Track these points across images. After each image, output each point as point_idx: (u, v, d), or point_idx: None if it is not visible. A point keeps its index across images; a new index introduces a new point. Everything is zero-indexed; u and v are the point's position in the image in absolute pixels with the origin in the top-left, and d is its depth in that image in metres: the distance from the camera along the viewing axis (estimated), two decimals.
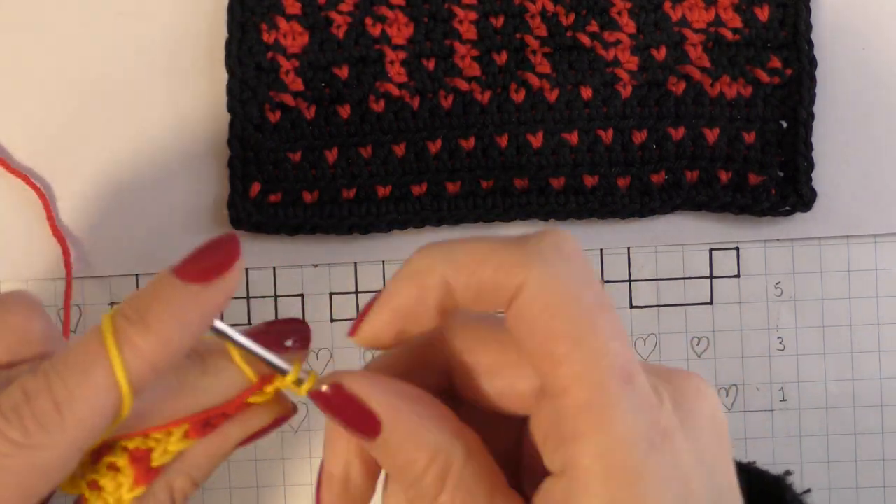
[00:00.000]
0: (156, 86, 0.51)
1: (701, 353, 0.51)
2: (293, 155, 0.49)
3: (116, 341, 0.30)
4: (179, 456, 0.34)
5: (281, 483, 0.51)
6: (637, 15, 0.50)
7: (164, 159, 0.50)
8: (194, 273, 0.31)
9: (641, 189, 0.50)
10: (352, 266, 0.51)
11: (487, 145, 0.50)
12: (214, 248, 0.32)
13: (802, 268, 0.51)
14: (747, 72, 0.50)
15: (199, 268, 0.31)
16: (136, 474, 0.33)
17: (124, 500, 0.34)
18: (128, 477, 0.33)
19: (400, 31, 0.50)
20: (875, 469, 0.51)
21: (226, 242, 0.32)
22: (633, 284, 0.51)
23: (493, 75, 0.50)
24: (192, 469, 0.35)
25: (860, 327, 0.51)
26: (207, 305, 0.31)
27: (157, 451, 0.34)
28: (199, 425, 0.34)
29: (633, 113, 0.50)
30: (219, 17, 0.50)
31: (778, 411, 0.51)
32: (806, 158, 0.50)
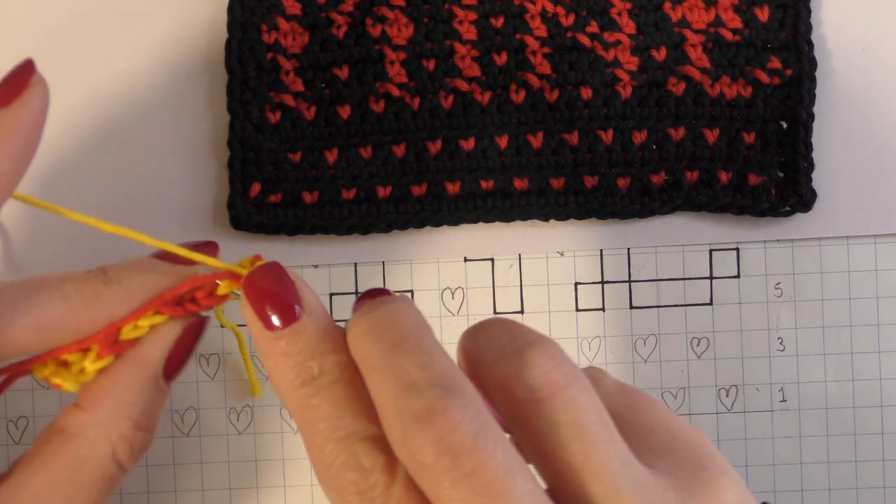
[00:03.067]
0: (156, 86, 0.51)
1: (701, 354, 0.51)
2: (293, 155, 0.49)
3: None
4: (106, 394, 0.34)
5: (281, 483, 0.51)
6: (637, 15, 0.50)
7: (163, 160, 0.50)
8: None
9: (641, 189, 0.50)
10: (352, 266, 0.51)
11: (487, 146, 0.50)
12: (11, 74, 0.33)
13: (802, 268, 0.51)
14: (747, 72, 0.50)
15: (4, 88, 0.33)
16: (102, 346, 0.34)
17: (87, 370, 0.34)
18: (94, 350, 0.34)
19: (400, 32, 0.50)
20: (875, 470, 0.51)
21: (20, 66, 0.34)
22: (632, 285, 0.51)
23: (493, 76, 0.50)
24: (124, 408, 0.35)
25: (860, 328, 0.51)
26: (12, 125, 0.32)
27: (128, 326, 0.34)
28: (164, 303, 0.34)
29: (632, 113, 0.50)
30: (219, 17, 0.50)
31: (778, 412, 0.51)
32: (806, 159, 0.50)
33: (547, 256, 0.51)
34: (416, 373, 0.30)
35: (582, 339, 0.51)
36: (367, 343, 0.31)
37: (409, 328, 0.31)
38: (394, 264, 0.51)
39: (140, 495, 0.51)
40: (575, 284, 0.51)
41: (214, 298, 0.35)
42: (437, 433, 0.28)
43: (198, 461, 0.51)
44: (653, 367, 0.51)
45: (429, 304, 0.51)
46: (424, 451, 0.28)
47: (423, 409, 0.28)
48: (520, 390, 0.30)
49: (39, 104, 0.33)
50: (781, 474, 0.51)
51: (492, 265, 0.51)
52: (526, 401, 0.30)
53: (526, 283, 0.51)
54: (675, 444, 0.32)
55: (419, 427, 0.28)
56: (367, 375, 0.31)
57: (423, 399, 0.29)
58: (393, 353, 0.30)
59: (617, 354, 0.51)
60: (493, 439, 0.29)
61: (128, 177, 0.50)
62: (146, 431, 0.35)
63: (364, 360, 0.31)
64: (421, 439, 0.28)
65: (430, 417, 0.28)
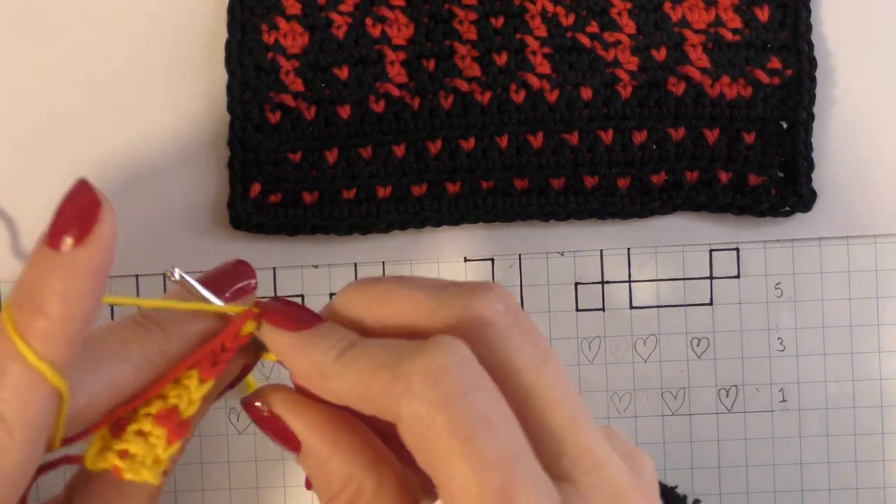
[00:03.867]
0: (156, 86, 0.51)
1: (701, 354, 0.51)
2: (293, 155, 0.49)
3: (20, 334, 0.30)
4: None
5: (281, 484, 0.51)
6: (637, 15, 0.50)
7: (163, 160, 0.50)
8: (61, 237, 0.30)
9: (641, 189, 0.50)
10: (352, 267, 0.51)
11: (487, 146, 0.50)
12: (75, 206, 0.31)
13: (802, 268, 0.51)
14: (747, 72, 0.50)
15: (67, 232, 0.30)
16: (168, 432, 0.33)
17: (161, 460, 0.33)
18: (159, 437, 0.34)
19: (400, 32, 0.50)
20: (875, 470, 0.51)
21: (81, 192, 0.31)
22: (632, 285, 0.51)
23: (494, 76, 0.50)
24: None
25: (860, 328, 0.51)
26: (87, 267, 0.31)
27: (183, 403, 0.34)
28: (207, 366, 0.34)
29: (633, 113, 0.50)
30: (219, 17, 0.50)
31: (778, 412, 0.51)
32: (806, 159, 0.50)
33: (547, 256, 0.51)
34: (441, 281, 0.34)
35: (582, 339, 0.51)
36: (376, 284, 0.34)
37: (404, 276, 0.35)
38: (394, 264, 0.51)
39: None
40: (575, 284, 0.51)
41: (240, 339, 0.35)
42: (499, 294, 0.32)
43: (198, 461, 0.51)
44: (653, 367, 0.51)
45: None
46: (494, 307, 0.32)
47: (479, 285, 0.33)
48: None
49: (111, 235, 0.31)
50: (781, 474, 0.51)
51: (492, 265, 0.51)
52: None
53: (526, 283, 0.51)
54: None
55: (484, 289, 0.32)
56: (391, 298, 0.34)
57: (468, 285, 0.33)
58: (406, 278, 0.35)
59: (617, 354, 0.51)
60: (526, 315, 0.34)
61: (128, 177, 0.50)
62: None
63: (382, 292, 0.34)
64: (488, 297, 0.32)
65: (490, 285, 0.33)
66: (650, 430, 0.51)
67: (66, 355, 0.30)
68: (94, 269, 0.31)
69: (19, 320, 0.30)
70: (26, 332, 0.30)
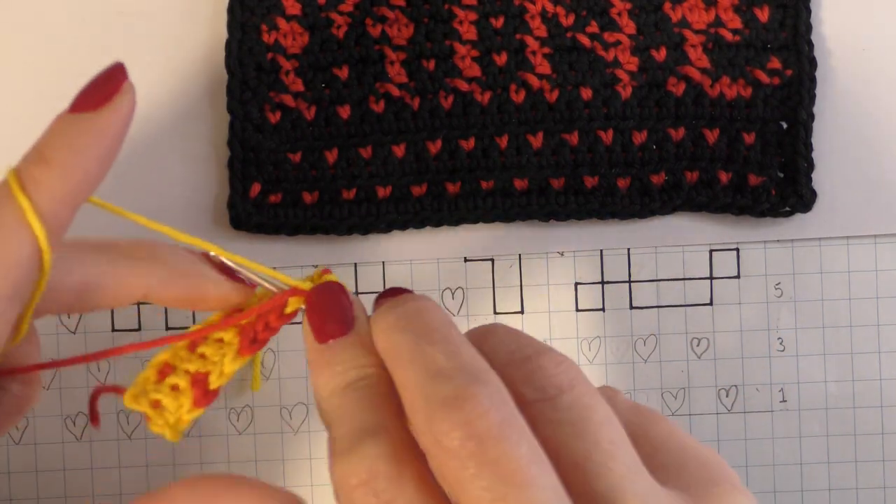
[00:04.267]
0: (155, 86, 0.51)
1: (701, 354, 0.51)
2: (293, 155, 0.49)
3: (20, 182, 0.32)
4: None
5: (281, 484, 0.51)
6: (637, 16, 0.50)
7: (163, 160, 0.50)
8: (84, 103, 0.33)
9: (641, 190, 0.50)
10: (352, 267, 0.51)
11: (487, 146, 0.50)
12: (102, 78, 0.33)
13: (802, 268, 0.51)
14: (747, 73, 0.50)
15: (88, 98, 0.33)
16: (195, 396, 0.35)
17: (183, 420, 0.35)
18: (188, 398, 0.35)
19: (400, 32, 0.50)
20: (875, 470, 0.51)
21: (111, 71, 0.34)
22: (632, 285, 0.51)
23: (493, 76, 0.50)
24: None
25: (860, 328, 0.51)
26: (101, 128, 0.33)
27: (214, 373, 0.35)
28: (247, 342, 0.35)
29: (633, 114, 0.50)
30: (219, 17, 0.50)
31: (778, 412, 0.51)
32: (806, 159, 0.50)
33: (547, 256, 0.51)
34: (444, 361, 0.30)
35: (582, 339, 0.51)
36: (395, 335, 0.32)
37: (436, 321, 0.32)
38: (394, 264, 0.51)
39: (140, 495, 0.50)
40: (575, 284, 0.51)
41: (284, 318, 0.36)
42: (465, 417, 0.28)
43: (198, 462, 0.51)
44: (653, 367, 0.51)
45: None
46: (451, 435, 0.28)
47: (451, 395, 0.29)
48: (528, 392, 0.31)
49: (128, 110, 0.33)
50: (781, 474, 0.51)
51: (492, 265, 0.51)
52: (533, 401, 0.30)
53: (526, 284, 0.51)
54: (687, 460, 0.32)
55: (446, 411, 0.29)
56: (394, 366, 0.32)
57: (452, 385, 0.29)
58: (420, 342, 0.31)
59: (617, 354, 0.51)
60: (518, 430, 0.29)
61: (128, 177, 0.50)
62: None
63: (391, 352, 0.32)
64: (447, 423, 0.28)
65: (458, 402, 0.29)
66: None
67: (57, 214, 0.32)
68: (103, 130, 0.32)
69: (21, 167, 0.32)
70: (23, 177, 0.32)
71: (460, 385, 0.29)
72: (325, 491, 0.51)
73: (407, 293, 0.34)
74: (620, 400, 0.34)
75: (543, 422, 0.30)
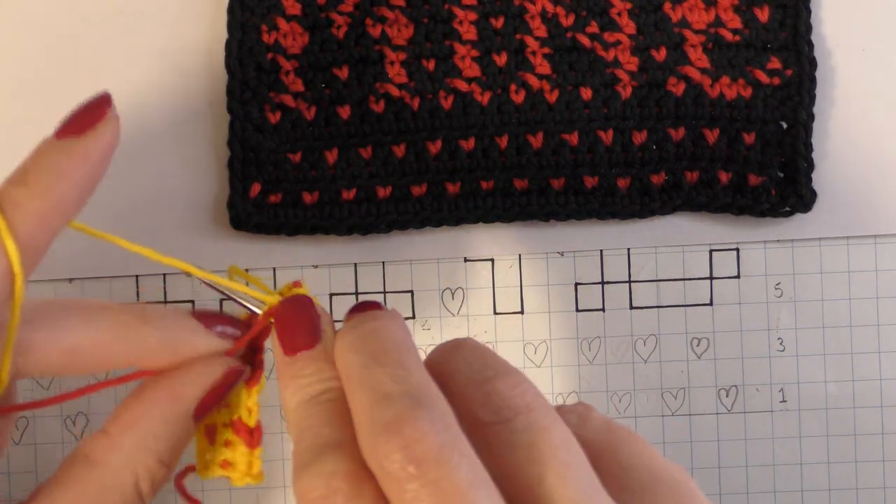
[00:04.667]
0: (155, 86, 0.51)
1: (701, 354, 0.51)
2: (293, 156, 0.49)
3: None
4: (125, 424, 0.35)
5: (281, 484, 0.51)
6: (637, 16, 0.50)
7: (163, 160, 0.50)
8: (69, 129, 0.34)
9: (641, 190, 0.50)
10: (352, 267, 0.51)
11: (487, 146, 0.50)
12: (88, 106, 0.34)
13: (802, 268, 0.51)
14: (747, 73, 0.50)
15: (73, 124, 0.34)
16: (245, 440, 0.36)
17: (255, 464, 0.36)
18: (241, 444, 0.36)
19: (400, 32, 0.50)
20: (875, 470, 0.51)
21: (98, 99, 0.34)
22: (632, 285, 0.51)
23: (493, 76, 0.50)
24: (150, 440, 0.35)
25: (860, 328, 0.51)
26: (83, 154, 0.33)
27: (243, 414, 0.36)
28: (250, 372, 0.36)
29: (632, 114, 0.50)
30: (219, 17, 0.50)
31: (778, 412, 0.51)
32: (806, 159, 0.50)
33: (547, 256, 0.51)
34: (391, 385, 0.31)
35: (582, 339, 0.51)
36: (349, 355, 0.33)
37: (391, 343, 0.32)
38: (394, 264, 0.51)
39: None
40: (575, 285, 0.51)
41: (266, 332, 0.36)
42: (404, 441, 0.29)
43: None
44: (653, 368, 0.51)
45: (429, 304, 0.51)
46: (391, 458, 0.29)
47: (393, 419, 0.29)
48: (483, 414, 0.31)
49: (111, 138, 0.34)
50: (781, 474, 0.51)
51: (492, 265, 0.51)
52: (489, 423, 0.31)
53: (526, 284, 0.51)
54: (655, 482, 0.32)
55: (387, 436, 0.29)
56: (347, 387, 0.32)
57: (393, 409, 0.30)
58: (371, 365, 0.32)
59: (617, 354, 0.51)
60: (458, 452, 0.29)
61: (128, 177, 0.50)
62: (167, 467, 0.36)
63: (345, 372, 0.33)
64: (388, 447, 0.29)
65: (398, 426, 0.29)
66: (650, 430, 0.51)
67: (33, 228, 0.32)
68: (85, 155, 0.33)
69: (3, 191, 0.32)
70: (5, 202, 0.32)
71: (402, 409, 0.29)
72: None
73: (373, 310, 0.35)
74: (594, 417, 0.34)
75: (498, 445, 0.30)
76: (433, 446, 0.29)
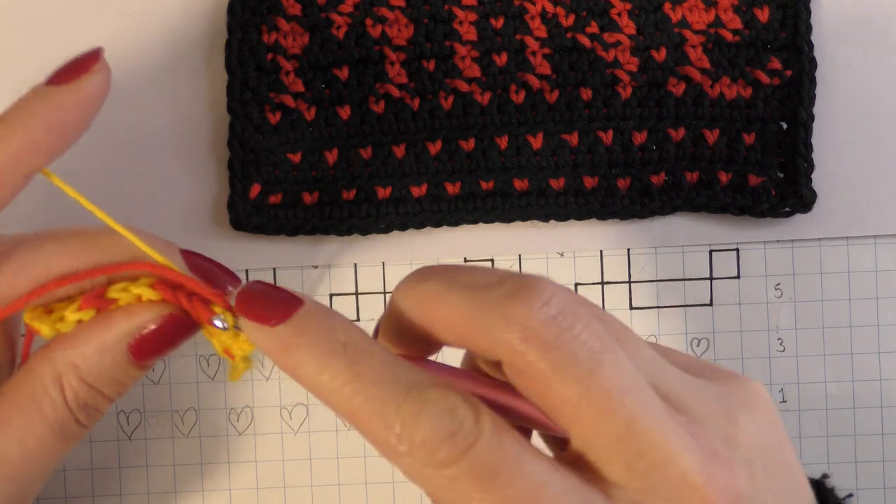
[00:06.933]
0: (156, 86, 0.51)
1: (701, 355, 0.51)
2: (293, 156, 0.49)
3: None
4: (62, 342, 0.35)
5: (281, 485, 0.51)
6: (637, 16, 0.50)
7: (163, 160, 0.50)
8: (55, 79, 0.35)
9: (641, 190, 0.50)
10: (352, 267, 0.51)
11: (487, 146, 0.50)
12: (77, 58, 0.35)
13: (802, 269, 0.51)
14: (747, 73, 0.50)
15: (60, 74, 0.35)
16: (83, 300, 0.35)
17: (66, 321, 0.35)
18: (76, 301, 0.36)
19: (400, 33, 0.50)
20: (875, 470, 0.51)
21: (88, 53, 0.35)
22: (632, 286, 0.51)
23: (493, 76, 0.50)
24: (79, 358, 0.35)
25: (860, 328, 0.51)
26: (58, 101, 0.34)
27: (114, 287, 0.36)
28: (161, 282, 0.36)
29: (632, 114, 0.50)
30: (219, 17, 0.50)
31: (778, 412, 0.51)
32: (806, 160, 0.50)
33: (547, 257, 0.51)
34: (487, 277, 0.30)
35: None
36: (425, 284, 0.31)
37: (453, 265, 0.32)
38: (394, 264, 0.51)
39: (140, 496, 0.51)
40: (575, 285, 0.51)
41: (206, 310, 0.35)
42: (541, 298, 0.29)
43: (198, 461, 0.51)
44: None
45: None
46: (534, 317, 0.28)
47: (516, 287, 0.29)
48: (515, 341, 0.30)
49: (94, 90, 0.35)
50: None
51: (492, 265, 0.51)
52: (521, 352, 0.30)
53: None
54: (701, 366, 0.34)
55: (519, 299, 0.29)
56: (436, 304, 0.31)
57: (508, 284, 0.29)
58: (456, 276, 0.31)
59: None
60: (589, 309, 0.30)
61: (128, 177, 0.50)
62: (95, 391, 0.36)
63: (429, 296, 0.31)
64: (525, 308, 0.29)
65: (527, 289, 0.29)
66: None
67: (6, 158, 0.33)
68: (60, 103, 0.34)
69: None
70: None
71: (518, 280, 0.29)
72: (325, 491, 0.51)
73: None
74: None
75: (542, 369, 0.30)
76: (569, 301, 0.29)
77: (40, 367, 0.35)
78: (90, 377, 0.35)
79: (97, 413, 0.36)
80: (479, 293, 0.30)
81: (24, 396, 0.35)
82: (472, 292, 0.30)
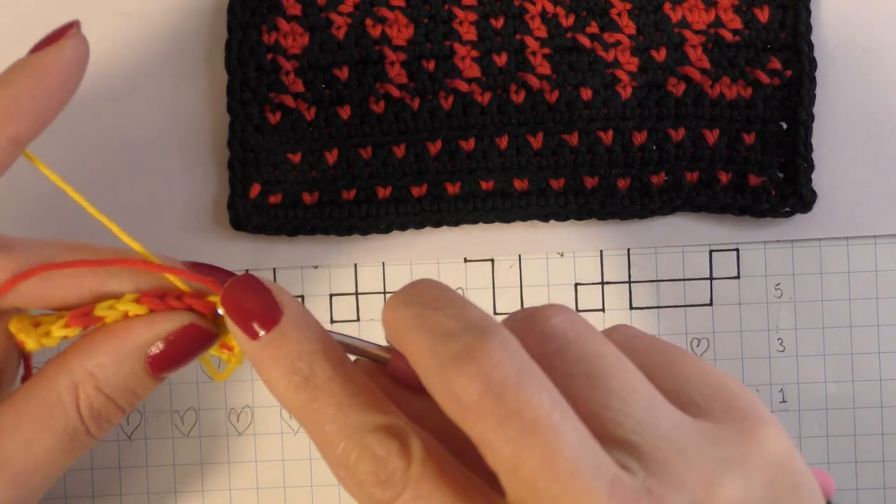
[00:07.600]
0: (156, 86, 0.51)
1: (701, 355, 0.51)
2: (293, 156, 0.49)
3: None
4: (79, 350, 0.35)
5: (281, 485, 0.51)
6: (637, 16, 0.50)
7: (163, 160, 0.50)
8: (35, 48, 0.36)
9: (641, 190, 0.50)
10: (352, 267, 0.51)
11: (487, 146, 0.50)
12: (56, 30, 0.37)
13: (802, 269, 0.51)
14: (747, 73, 0.50)
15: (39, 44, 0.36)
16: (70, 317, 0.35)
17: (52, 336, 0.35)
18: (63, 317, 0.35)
19: (400, 33, 0.50)
20: (875, 470, 0.51)
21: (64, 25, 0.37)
22: (632, 286, 0.51)
23: (493, 76, 0.50)
24: (96, 368, 0.35)
25: (860, 328, 0.51)
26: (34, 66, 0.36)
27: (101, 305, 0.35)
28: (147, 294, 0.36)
29: (632, 114, 0.50)
30: (219, 17, 0.50)
31: (778, 412, 0.51)
32: (806, 160, 0.50)
33: (547, 257, 0.51)
34: (451, 322, 0.30)
35: None
36: (398, 311, 0.31)
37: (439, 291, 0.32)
38: (394, 264, 0.51)
39: (140, 496, 0.51)
40: (575, 285, 0.51)
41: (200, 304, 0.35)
42: (480, 370, 0.28)
43: (198, 462, 0.51)
44: None
45: None
46: (469, 390, 0.28)
47: (462, 349, 0.29)
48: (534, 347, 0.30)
49: (72, 54, 0.36)
50: None
51: (492, 266, 0.51)
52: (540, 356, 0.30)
53: (526, 284, 0.51)
54: (715, 394, 0.32)
55: (460, 366, 0.28)
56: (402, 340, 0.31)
57: (461, 341, 0.29)
58: (425, 313, 0.31)
59: None
60: (535, 378, 0.28)
61: (127, 177, 0.50)
62: (111, 402, 0.36)
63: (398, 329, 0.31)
64: (464, 379, 0.28)
65: (471, 356, 0.28)
66: None
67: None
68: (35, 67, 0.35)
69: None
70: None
71: (470, 339, 0.29)
72: (325, 491, 0.51)
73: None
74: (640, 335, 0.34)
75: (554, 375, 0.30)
76: (510, 372, 0.28)
77: (56, 375, 0.35)
78: (107, 387, 0.35)
79: (108, 424, 0.36)
80: (436, 343, 0.30)
81: (37, 404, 0.35)
82: (432, 340, 0.30)
